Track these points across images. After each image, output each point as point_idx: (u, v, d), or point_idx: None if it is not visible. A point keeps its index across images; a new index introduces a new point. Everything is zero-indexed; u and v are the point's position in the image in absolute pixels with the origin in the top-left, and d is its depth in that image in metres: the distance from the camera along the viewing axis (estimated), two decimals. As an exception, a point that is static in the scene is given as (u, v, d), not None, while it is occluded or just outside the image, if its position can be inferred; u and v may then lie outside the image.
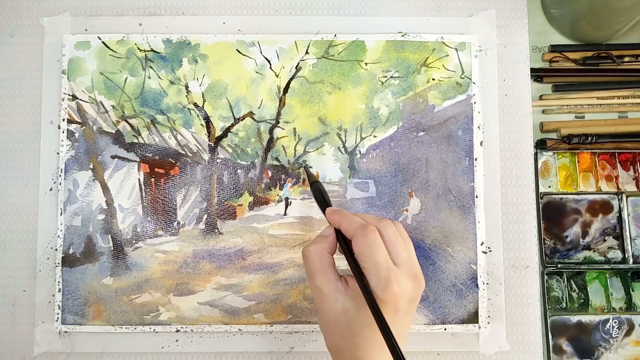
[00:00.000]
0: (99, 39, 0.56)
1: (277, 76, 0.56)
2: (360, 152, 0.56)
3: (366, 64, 0.56)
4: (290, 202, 0.57)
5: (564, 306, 0.57)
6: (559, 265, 0.56)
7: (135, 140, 0.56)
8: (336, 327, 0.40)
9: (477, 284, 0.54)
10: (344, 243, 0.42)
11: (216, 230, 0.55)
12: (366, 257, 0.39)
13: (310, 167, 0.56)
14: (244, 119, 0.57)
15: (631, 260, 0.57)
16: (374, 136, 0.56)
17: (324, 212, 0.45)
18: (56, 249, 0.54)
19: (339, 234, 0.42)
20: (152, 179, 0.56)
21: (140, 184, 0.55)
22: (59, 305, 0.53)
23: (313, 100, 0.56)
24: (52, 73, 0.56)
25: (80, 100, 0.56)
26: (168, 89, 0.56)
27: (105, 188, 0.55)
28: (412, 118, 0.56)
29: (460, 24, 0.57)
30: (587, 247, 0.57)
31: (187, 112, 0.56)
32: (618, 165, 0.58)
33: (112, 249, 0.54)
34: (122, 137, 0.56)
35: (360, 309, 0.39)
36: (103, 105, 0.56)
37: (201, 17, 0.57)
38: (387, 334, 0.35)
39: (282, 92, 0.57)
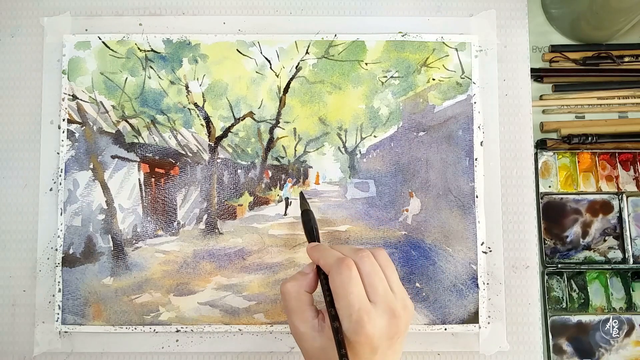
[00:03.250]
0: (99, 39, 0.56)
1: (277, 76, 0.56)
2: (360, 152, 0.56)
3: (366, 64, 0.56)
4: (291, 202, 0.57)
5: (564, 306, 0.57)
6: (559, 265, 0.56)
7: (136, 140, 0.56)
8: None
9: (477, 284, 0.54)
10: (325, 282, 0.40)
11: (216, 230, 0.55)
12: (339, 296, 0.38)
13: (310, 167, 0.56)
14: (244, 119, 0.57)
15: (631, 260, 0.57)
16: (374, 136, 0.56)
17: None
18: (56, 249, 0.54)
19: (320, 271, 0.41)
20: (152, 179, 0.56)
21: (140, 184, 0.55)
22: (59, 305, 0.53)
23: (313, 100, 0.56)
24: (52, 73, 0.56)
25: (81, 100, 0.56)
26: (168, 89, 0.56)
27: (105, 188, 0.55)
28: (412, 118, 0.56)
29: (460, 24, 0.57)
30: (587, 247, 0.57)
31: (187, 112, 0.56)
32: (618, 165, 0.58)
33: (112, 249, 0.54)
34: (122, 137, 0.56)
35: (335, 347, 0.38)
36: (103, 105, 0.56)
37: (201, 17, 0.57)
38: None
39: (282, 92, 0.57)
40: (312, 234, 0.46)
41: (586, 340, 0.56)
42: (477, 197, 0.55)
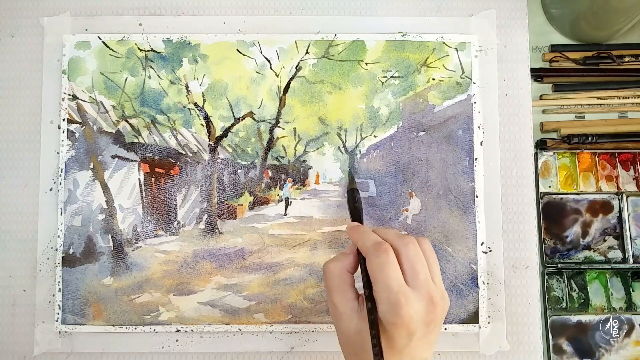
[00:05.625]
0: (99, 38, 0.56)
1: (277, 76, 0.56)
2: (360, 152, 0.56)
3: (366, 63, 0.56)
4: (291, 202, 0.57)
5: (564, 306, 0.57)
6: (559, 265, 0.56)
7: (136, 140, 0.56)
8: (351, 346, 0.39)
9: (477, 284, 0.54)
10: (363, 263, 0.40)
11: (216, 230, 0.55)
12: (377, 279, 0.37)
13: (310, 167, 0.56)
14: (244, 118, 0.57)
15: (631, 260, 0.57)
16: (374, 136, 0.56)
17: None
18: (56, 249, 0.54)
19: (359, 252, 0.41)
20: (152, 179, 0.56)
21: (140, 184, 0.55)
22: (59, 305, 0.53)
23: (313, 100, 0.56)
24: (52, 73, 0.56)
25: (81, 100, 0.56)
26: (168, 89, 0.56)
27: (105, 188, 0.55)
28: (412, 118, 0.56)
29: (460, 24, 0.57)
30: (587, 247, 0.57)
31: (187, 112, 0.56)
32: (618, 165, 0.58)
33: (112, 249, 0.54)
34: (122, 137, 0.56)
35: None
36: (103, 105, 0.56)
37: (201, 17, 0.57)
38: None
39: (282, 92, 0.57)
40: (354, 213, 0.46)
41: (586, 340, 0.56)
42: (477, 197, 0.55)
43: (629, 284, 0.57)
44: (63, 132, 0.55)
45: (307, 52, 0.57)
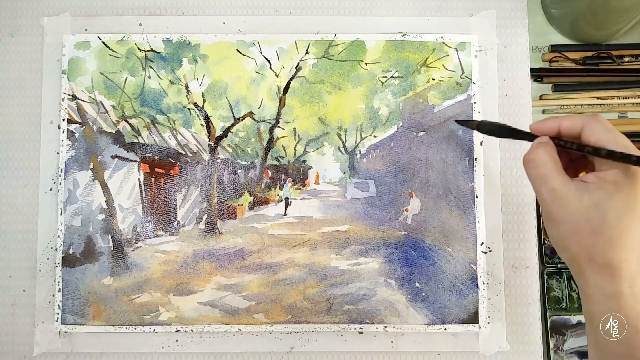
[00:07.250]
0: (99, 39, 0.56)
1: (277, 76, 0.56)
2: (360, 152, 0.56)
3: (366, 64, 0.56)
4: (290, 202, 0.57)
5: (564, 306, 0.57)
6: (559, 265, 0.56)
7: (135, 140, 0.56)
8: (586, 225, 0.37)
9: (477, 284, 0.54)
10: (577, 138, 0.38)
11: (216, 230, 0.55)
12: (608, 141, 0.36)
13: (310, 167, 0.56)
14: (244, 119, 0.57)
15: (631, 260, 0.56)
16: (374, 136, 0.56)
17: (519, 135, 0.42)
18: (56, 249, 0.54)
19: (557, 139, 0.39)
20: (152, 179, 0.56)
21: (140, 184, 0.55)
22: (59, 305, 0.53)
23: (313, 100, 0.56)
24: (52, 73, 0.56)
25: (80, 100, 0.56)
26: (168, 89, 0.56)
27: (105, 188, 0.55)
28: (412, 118, 0.56)
29: (460, 24, 0.57)
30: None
31: (187, 112, 0.56)
32: (618, 165, 0.58)
33: (112, 249, 0.54)
34: (122, 137, 0.56)
35: (613, 196, 0.35)
36: (103, 105, 0.56)
37: (201, 17, 0.57)
38: None
39: (282, 92, 0.57)
40: (514, 129, 0.43)
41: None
42: (477, 197, 0.55)
43: (629, 284, 0.57)
44: (63, 132, 0.55)
45: (307, 52, 0.57)
